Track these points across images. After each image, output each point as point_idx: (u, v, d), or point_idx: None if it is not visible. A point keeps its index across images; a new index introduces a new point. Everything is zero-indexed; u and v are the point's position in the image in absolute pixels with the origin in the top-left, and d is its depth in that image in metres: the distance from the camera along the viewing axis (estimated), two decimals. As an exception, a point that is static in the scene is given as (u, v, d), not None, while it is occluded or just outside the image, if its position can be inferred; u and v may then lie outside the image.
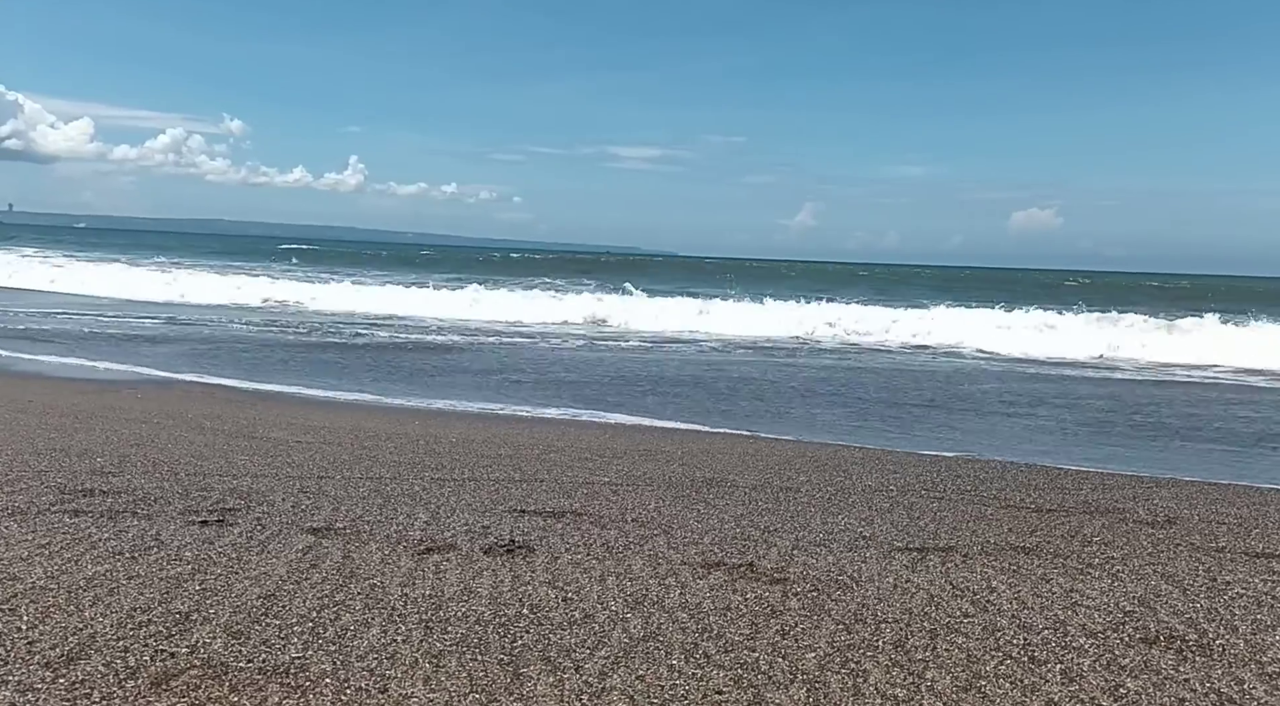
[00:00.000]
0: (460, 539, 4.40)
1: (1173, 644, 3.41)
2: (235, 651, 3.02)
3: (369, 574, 3.83)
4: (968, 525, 5.15)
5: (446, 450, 6.78)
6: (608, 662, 3.04)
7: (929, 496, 5.93)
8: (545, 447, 7.12)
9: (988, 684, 3.00)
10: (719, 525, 4.93)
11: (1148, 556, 4.61)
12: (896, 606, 3.72)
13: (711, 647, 3.22)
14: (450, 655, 3.05)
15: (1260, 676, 3.14)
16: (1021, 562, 4.40)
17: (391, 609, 3.45)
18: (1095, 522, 5.32)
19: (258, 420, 7.87)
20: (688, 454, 7.18)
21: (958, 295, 32.03)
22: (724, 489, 5.90)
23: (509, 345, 17.39)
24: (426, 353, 15.53)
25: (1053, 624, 3.57)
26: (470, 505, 5.10)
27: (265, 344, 15.58)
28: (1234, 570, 4.41)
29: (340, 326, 19.98)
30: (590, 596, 3.68)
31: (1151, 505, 5.86)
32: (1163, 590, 4.05)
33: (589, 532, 4.63)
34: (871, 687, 2.94)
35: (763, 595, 3.80)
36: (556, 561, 4.12)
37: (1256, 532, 5.22)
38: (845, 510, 5.43)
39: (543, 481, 5.85)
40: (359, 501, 5.07)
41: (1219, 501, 6.07)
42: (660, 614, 3.52)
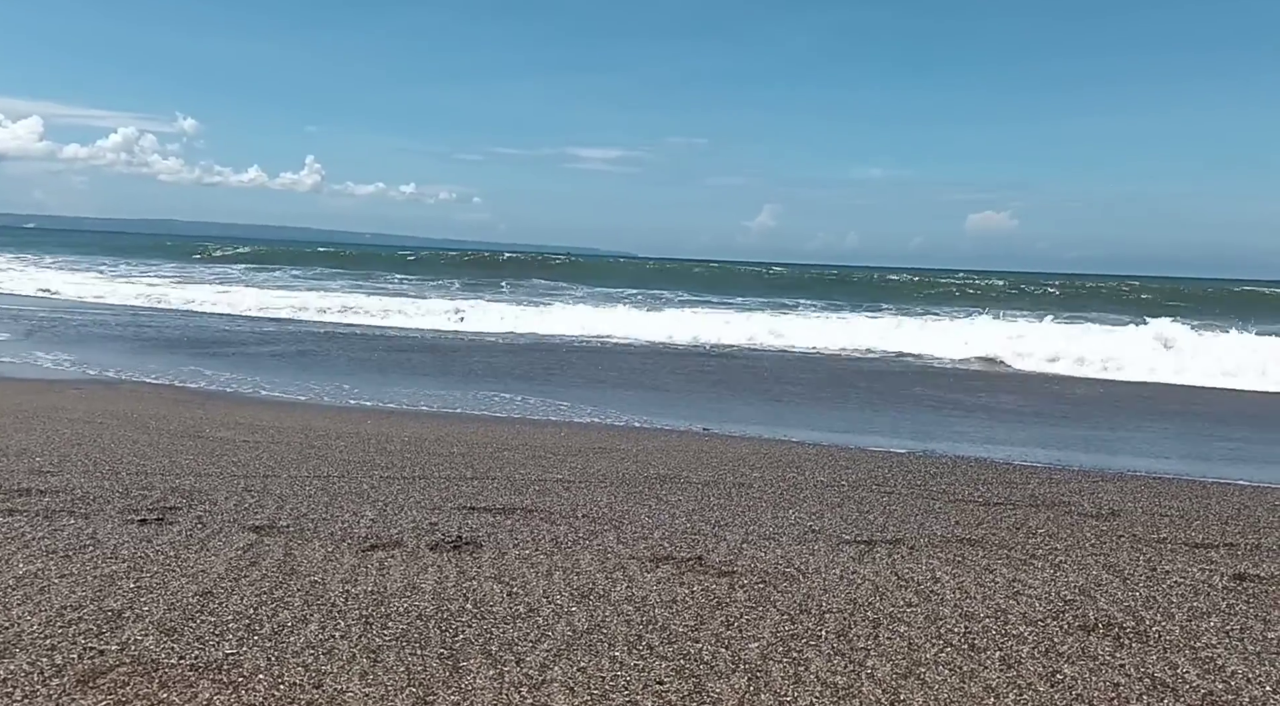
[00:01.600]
0: (407, 536, 4.35)
1: (1110, 631, 3.45)
2: (167, 648, 2.95)
3: (310, 571, 3.78)
4: (916, 518, 5.19)
5: (398, 448, 6.71)
6: (549, 655, 3.02)
7: (880, 491, 5.97)
8: (499, 445, 7.07)
9: (927, 671, 3.02)
10: (670, 520, 4.92)
11: (1090, 547, 4.68)
12: (842, 597, 3.73)
13: (655, 639, 3.21)
14: (389, 650, 3.01)
15: (1193, 661, 3.19)
16: (966, 554, 4.45)
17: (331, 605, 3.39)
18: (1041, 515, 5.39)
19: (204, 419, 7.73)
20: (642, 451, 7.17)
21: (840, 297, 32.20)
22: (677, 485, 5.89)
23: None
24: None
25: (994, 613, 3.61)
26: (419, 502, 5.05)
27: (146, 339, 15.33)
28: (1173, 560, 4.49)
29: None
30: (536, 591, 3.65)
31: (1097, 498, 5.96)
32: (1103, 579, 4.11)
33: (538, 528, 4.60)
34: (812, 676, 2.95)
35: (710, 587, 3.79)
36: (504, 557, 4.09)
37: (1197, 524, 5.32)
38: (796, 505, 5.45)
39: (494, 479, 5.81)
40: (304, 499, 5.00)
41: (1162, 494, 6.18)
42: (605, 607, 3.50)
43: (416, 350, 15.89)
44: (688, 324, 21.33)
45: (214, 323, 19.89)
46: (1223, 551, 4.68)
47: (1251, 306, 29.69)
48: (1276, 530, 5.21)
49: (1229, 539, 4.96)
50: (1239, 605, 3.81)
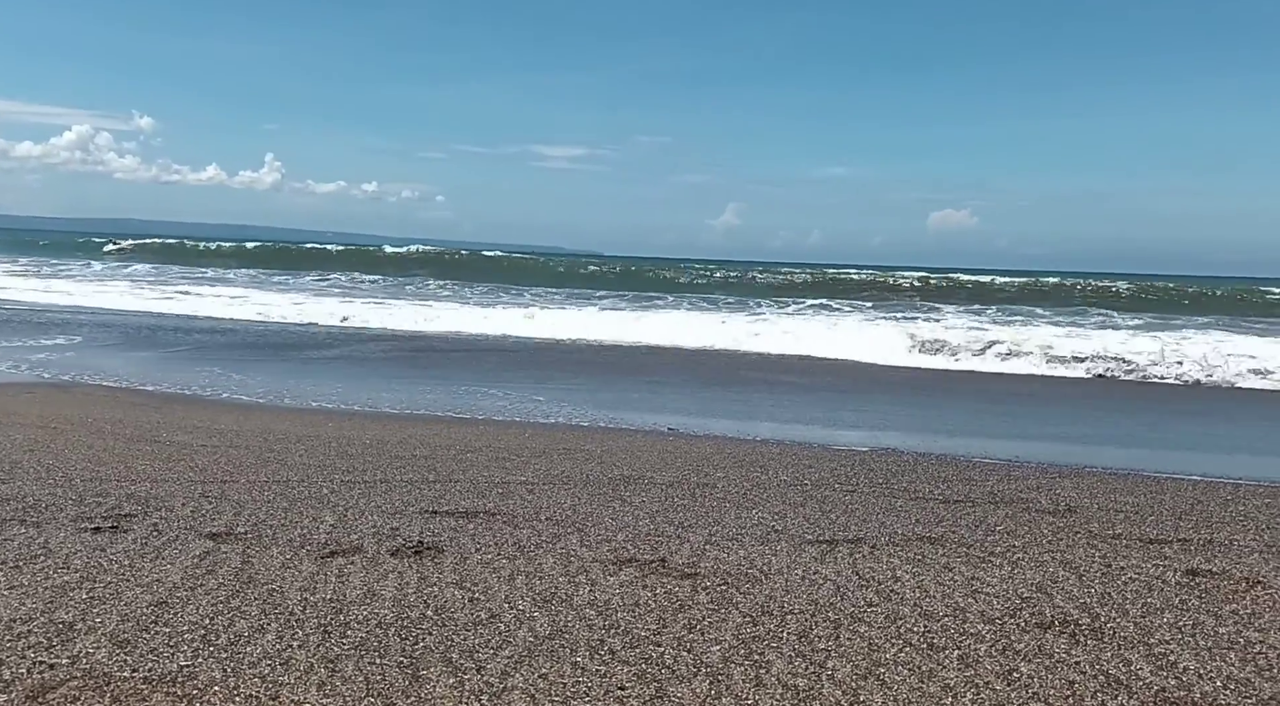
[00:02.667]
0: (367, 541, 4.31)
1: (1066, 628, 3.50)
2: (120, 661, 2.90)
3: (268, 579, 3.73)
4: (877, 517, 5.23)
5: (359, 452, 6.65)
6: (511, 662, 3.01)
7: (842, 490, 6.01)
8: (462, 448, 7.03)
9: (886, 671, 3.05)
10: (633, 522, 4.92)
11: (1047, 544, 4.75)
12: (803, 598, 3.75)
13: (617, 643, 3.20)
14: (347, 659, 2.98)
15: (1147, 657, 3.25)
16: (927, 552, 4.49)
17: (289, 614, 3.35)
18: (1000, 512, 5.46)
19: (161, 423, 7.61)
20: (607, 452, 7.16)
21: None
22: (641, 486, 5.89)
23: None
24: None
25: (953, 611, 3.64)
26: (380, 507, 5.00)
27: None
28: (1128, 556, 4.56)
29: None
30: (498, 596, 3.63)
31: (1054, 495, 6.04)
32: (1060, 576, 4.17)
33: (501, 532, 4.58)
34: (773, 678, 2.96)
35: (672, 590, 3.80)
36: (465, 562, 4.06)
37: (1151, 520, 5.41)
38: (760, 505, 5.47)
39: (457, 482, 5.77)
40: (263, 505, 4.93)
41: (1118, 490, 6.28)
42: (568, 611, 3.49)
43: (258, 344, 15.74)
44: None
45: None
46: (1176, 547, 4.76)
47: (1167, 302, 30.54)
48: (1228, 525, 5.32)
49: (1182, 534, 5.05)
50: (1192, 601, 3.88)
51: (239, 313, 22.22)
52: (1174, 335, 20.08)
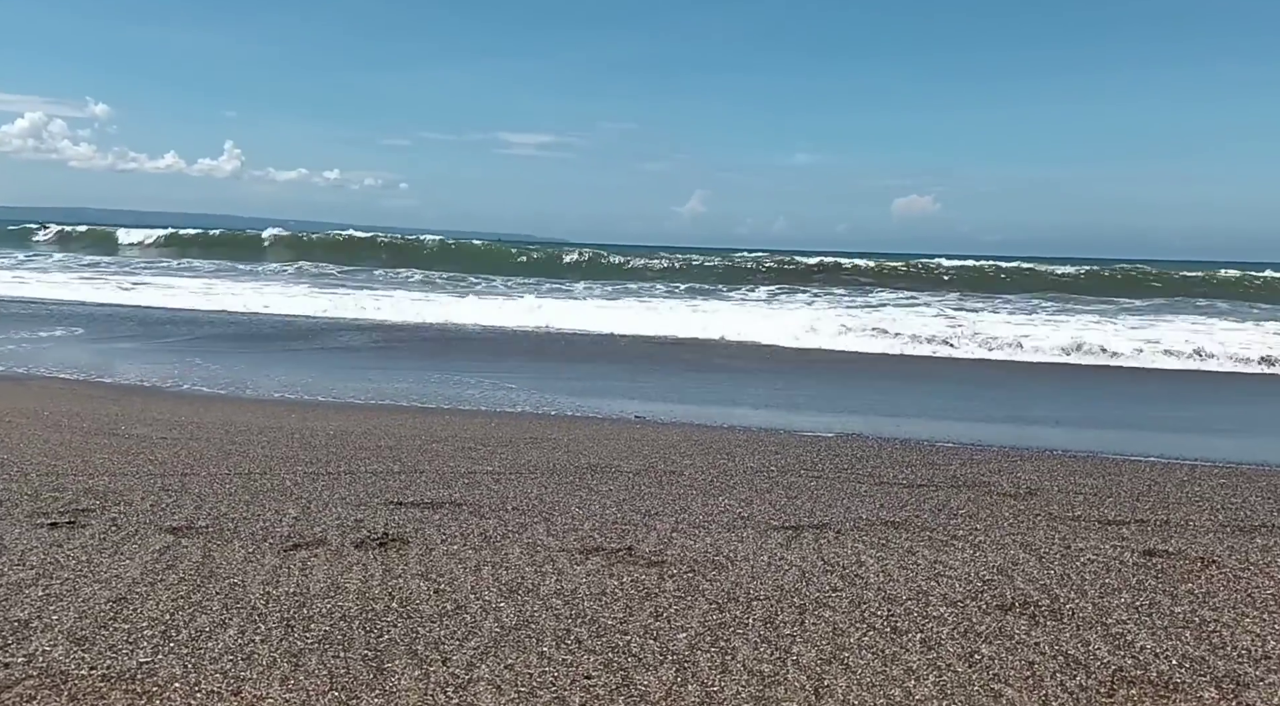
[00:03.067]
0: (331, 533, 4.27)
1: (1026, 609, 3.56)
2: (77, 658, 2.86)
3: (229, 573, 3.68)
4: (842, 502, 5.28)
5: (323, 443, 6.59)
6: (476, 653, 3.00)
7: (808, 476, 6.05)
8: (428, 437, 6.99)
9: (851, 655, 3.07)
10: (600, 510, 4.92)
11: (1009, 526, 4.81)
12: (769, 584, 3.78)
13: (584, 633, 3.20)
14: (310, 653, 2.96)
15: (1105, 637, 3.30)
16: (890, 537, 4.53)
17: (251, 608, 3.32)
18: (962, 496, 5.53)
19: (120, 416, 7.48)
20: (574, 440, 7.15)
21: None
22: (608, 474, 5.89)
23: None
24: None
25: (916, 595, 3.69)
26: (344, 499, 4.96)
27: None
28: (1087, 537, 4.64)
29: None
30: (463, 587, 3.62)
31: (1015, 477, 6.12)
32: (1020, 558, 4.23)
33: (467, 523, 4.56)
34: (739, 664, 2.98)
35: (639, 578, 3.80)
36: (431, 553, 4.04)
37: (1110, 501, 5.50)
38: (726, 491, 5.50)
39: (423, 472, 5.73)
40: (224, 498, 4.87)
41: (1077, 472, 6.38)
42: (534, 601, 3.49)
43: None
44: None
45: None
46: (1133, 528, 4.85)
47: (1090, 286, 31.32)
48: (1184, 506, 5.42)
49: (1139, 515, 5.14)
50: (1148, 581, 3.96)
51: (196, 302, 21.90)
52: (1139, 319, 20.72)
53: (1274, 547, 4.52)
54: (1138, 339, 16.69)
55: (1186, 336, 17.12)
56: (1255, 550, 4.47)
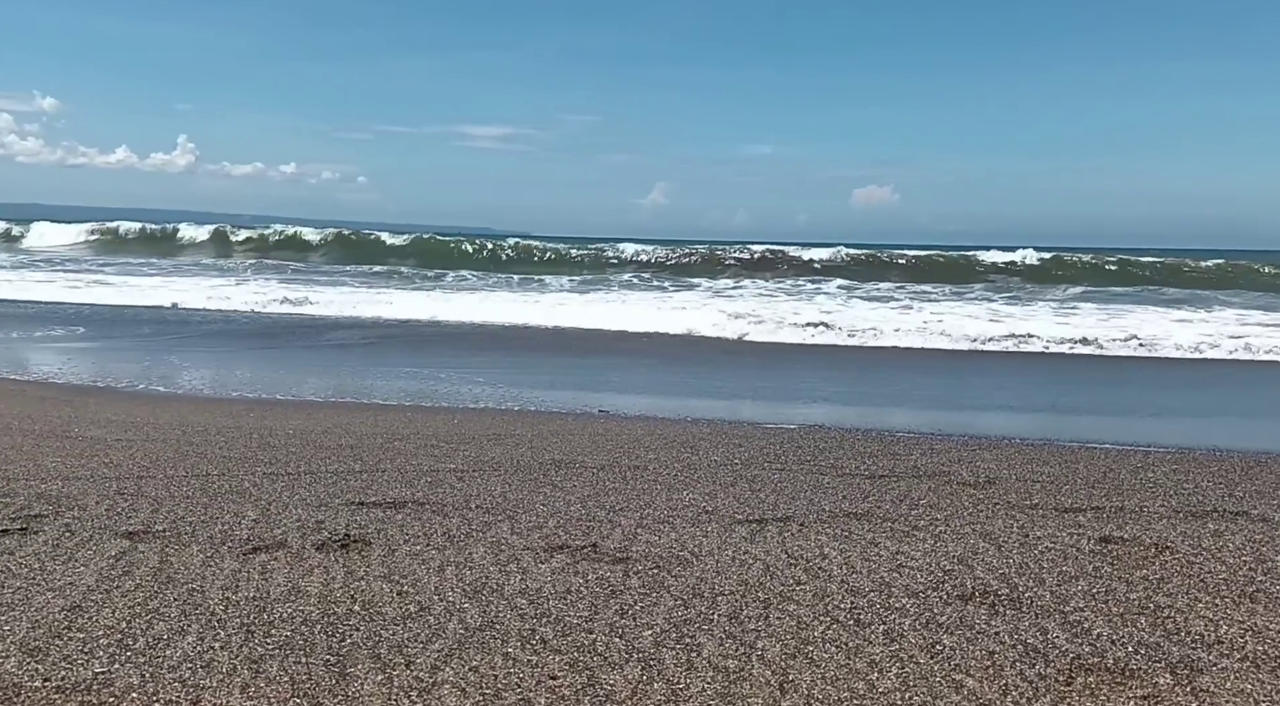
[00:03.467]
0: (291, 536, 4.22)
1: (986, 599, 3.61)
2: (31, 670, 2.79)
3: (188, 578, 3.62)
4: (805, 494, 5.31)
5: (282, 443, 6.50)
6: (441, 656, 2.98)
7: (771, 468, 6.08)
8: (389, 436, 6.93)
9: (815, 649, 3.10)
10: (565, 507, 4.91)
11: (968, 516, 4.87)
12: (734, 578, 3.79)
13: (549, 632, 3.19)
14: (272, 659, 2.92)
15: (1063, 625, 3.36)
16: (853, 528, 4.57)
17: (210, 614, 3.27)
18: (923, 486, 5.59)
19: (73, 418, 7.33)
20: (538, 436, 7.13)
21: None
22: (572, 470, 5.88)
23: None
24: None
25: (878, 586, 3.72)
26: (305, 500, 4.90)
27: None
28: (1044, 525, 4.71)
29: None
30: (427, 588, 3.59)
31: (974, 467, 6.20)
32: (980, 548, 4.29)
33: (430, 522, 4.53)
34: (704, 661, 2.99)
35: (604, 576, 3.80)
36: (393, 554, 4.00)
37: (1066, 489, 5.60)
38: (690, 486, 5.51)
39: (384, 471, 5.68)
40: (182, 501, 4.79)
41: (1034, 461, 6.48)
42: (499, 601, 3.47)
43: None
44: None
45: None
46: (1090, 515, 4.94)
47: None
48: (1138, 492, 5.53)
49: (1095, 502, 5.23)
50: (1105, 568, 4.03)
51: (151, 299, 21.50)
52: (1104, 309, 21.23)
53: (1225, 532, 4.62)
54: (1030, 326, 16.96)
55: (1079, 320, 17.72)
56: (1207, 535, 4.57)
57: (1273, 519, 4.91)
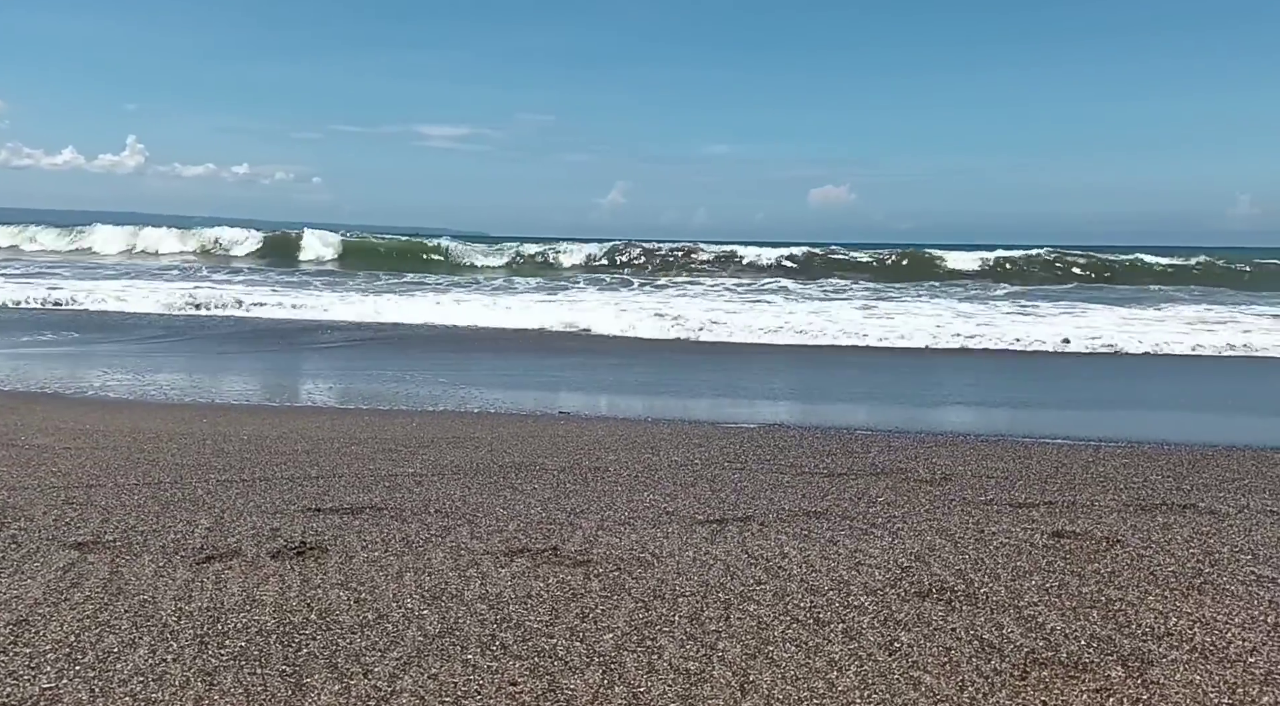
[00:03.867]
0: (246, 544, 4.16)
1: (943, 595, 3.65)
2: (-26, 689, 2.72)
3: (139, 589, 3.55)
4: (765, 494, 5.34)
5: (236, 449, 6.40)
6: (399, 664, 2.95)
7: (731, 468, 6.11)
8: (347, 440, 6.85)
9: (775, 648, 3.12)
10: (525, 510, 4.89)
11: (925, 513, 4.93)
12: (694, 579, 3.80)
13: (509, 638, 3.18)
14: (226, 671, 2.87)
15: (1017, 620, 3.41)
16: (812, 527, 4.61)
17: (163, 626, 3.21)
18: (880, 483, 5.65)
19: (19, 425, 7.15)
20: (498, 439, 7.09)
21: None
22: (532, 473, 5.86)
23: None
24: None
25: (837, 584, 3.75)
26: (260, 507, 4.83)
27: (33, 341, 14.21)
28: (999, 521, 4.78)
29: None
30: (385, 595, 3.55)
31: (931, 464, 6.28)
32: (937, 544, 4.34)
33: (388, 528, 4.48)
34: (665, 663, 2.99)
35: (565, 579, 3.79)
36: (351, 561, 3.96)
37: (1020, 484, 5.69)
38: (651, 487, 5.51)
39: (341, 476, 5.62)
40: (133, 510, 4.70)
41: (989, 457, 6.58)
42: (459, 607, 3.45)
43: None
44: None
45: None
46: (1043, 510, 5.02)
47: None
48: (1090, 487, 5.63)
49: (1048, 497, 5.32)
50: (1057, 562, 4.10)
51: (99, 303, 21.06)
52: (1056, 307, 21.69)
53: (1173, 525, 4.73)
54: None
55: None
56: (1156, 528, 4.66)
57: (1219, 511, 5.03)
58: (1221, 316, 19.71)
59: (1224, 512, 5.00)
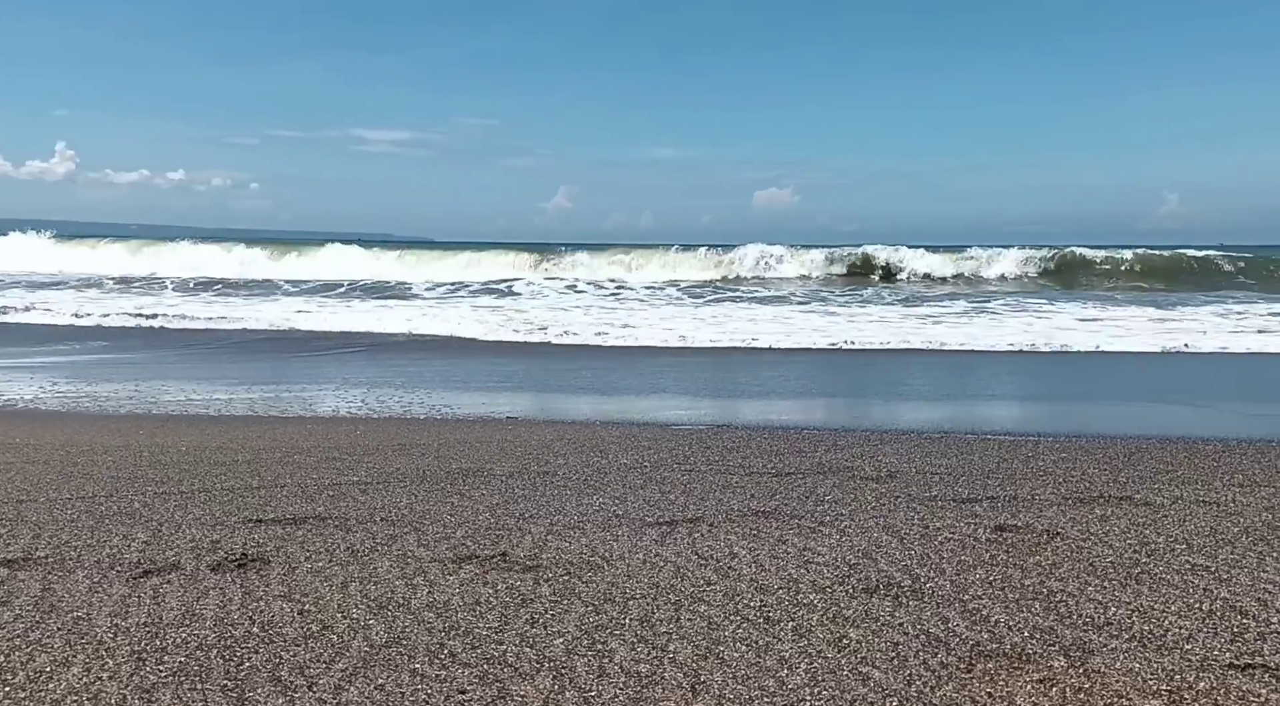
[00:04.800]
0: (185, 557, 4.05)
1: (890, 591, 3.69)
2: (-104, 715, 2.61)
3: (73, 606, 3.44)
4: (714, 495, 5.35)
5: (175, 460, 6.24)
6: (345, 675, 2.90)
7: (680, 470, 6.11)
8: (289, 449, 6.72)
9: (725, 648, 3.12)
10: (473, 517, 4.84)
11: (872, 510, 4.99)
12: (645, 582, 3.80)
13: (458, 646, 3.14)
14: (164, 687, 2.79)
15: (962, 613, 3.46)
16: (761, 526, 4.63)
17: (98, 643, 3.11)
18: (828, 482, 5.70)
19: (-56, 441, 6.89)
20: (444, 445, 7.01)
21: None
22: (481, 478, 5.80)
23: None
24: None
25: (787, 583, 3.77)
26: (199, 519, 4.71)
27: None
28: (943, 516, 4.85)
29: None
30: (329, 606, 3.49)
31: (877, 461, 6.36)
32: (883, 541, 4.39)
33: (332, 537, 4.41)
34: (616, 666, 2.98)
35: (514, 585, 3.76)
36: (294, 572, 3.88)
37: (963, 480, 5.78)
38: (600, 490, 5.50)
39: (284, 486, 5.51)
40: (66, 525, 4.55)
41: (933, 454, 6.68)
42: (405, 616, 3.40)
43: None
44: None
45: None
46: (985, 505, 5.11)
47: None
48: (1030, 481, 5.74)
49: (990, 492, 5.42)
50: (1000, 555, 4.17)
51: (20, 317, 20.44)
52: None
53: (1111, 517, 4.84)
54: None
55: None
56: (1095, 520, 4.77)
57: (1154, 502, 5.16)
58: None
59: (1159, 504, 5.14)
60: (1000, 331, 16.99)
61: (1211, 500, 5.20)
